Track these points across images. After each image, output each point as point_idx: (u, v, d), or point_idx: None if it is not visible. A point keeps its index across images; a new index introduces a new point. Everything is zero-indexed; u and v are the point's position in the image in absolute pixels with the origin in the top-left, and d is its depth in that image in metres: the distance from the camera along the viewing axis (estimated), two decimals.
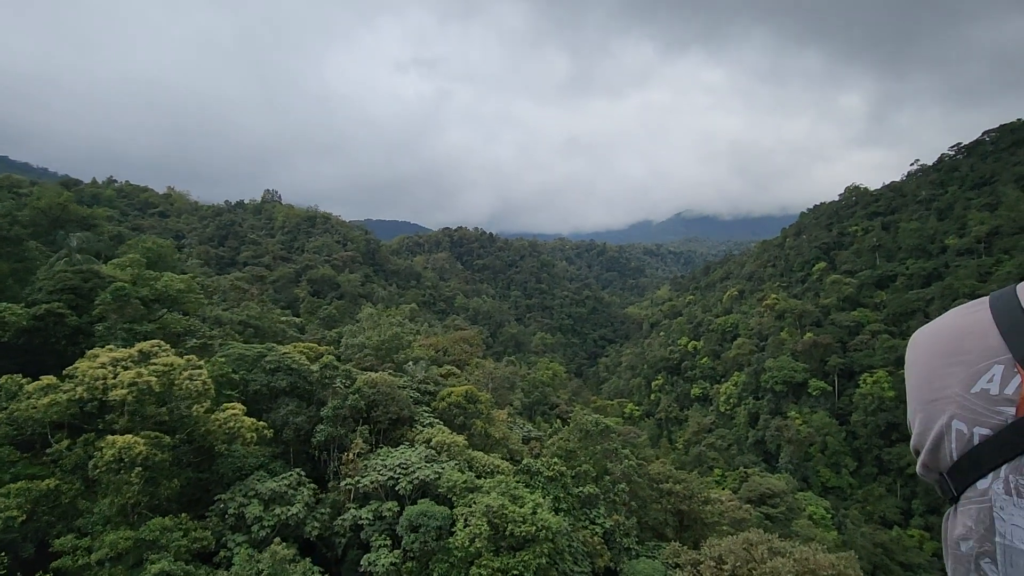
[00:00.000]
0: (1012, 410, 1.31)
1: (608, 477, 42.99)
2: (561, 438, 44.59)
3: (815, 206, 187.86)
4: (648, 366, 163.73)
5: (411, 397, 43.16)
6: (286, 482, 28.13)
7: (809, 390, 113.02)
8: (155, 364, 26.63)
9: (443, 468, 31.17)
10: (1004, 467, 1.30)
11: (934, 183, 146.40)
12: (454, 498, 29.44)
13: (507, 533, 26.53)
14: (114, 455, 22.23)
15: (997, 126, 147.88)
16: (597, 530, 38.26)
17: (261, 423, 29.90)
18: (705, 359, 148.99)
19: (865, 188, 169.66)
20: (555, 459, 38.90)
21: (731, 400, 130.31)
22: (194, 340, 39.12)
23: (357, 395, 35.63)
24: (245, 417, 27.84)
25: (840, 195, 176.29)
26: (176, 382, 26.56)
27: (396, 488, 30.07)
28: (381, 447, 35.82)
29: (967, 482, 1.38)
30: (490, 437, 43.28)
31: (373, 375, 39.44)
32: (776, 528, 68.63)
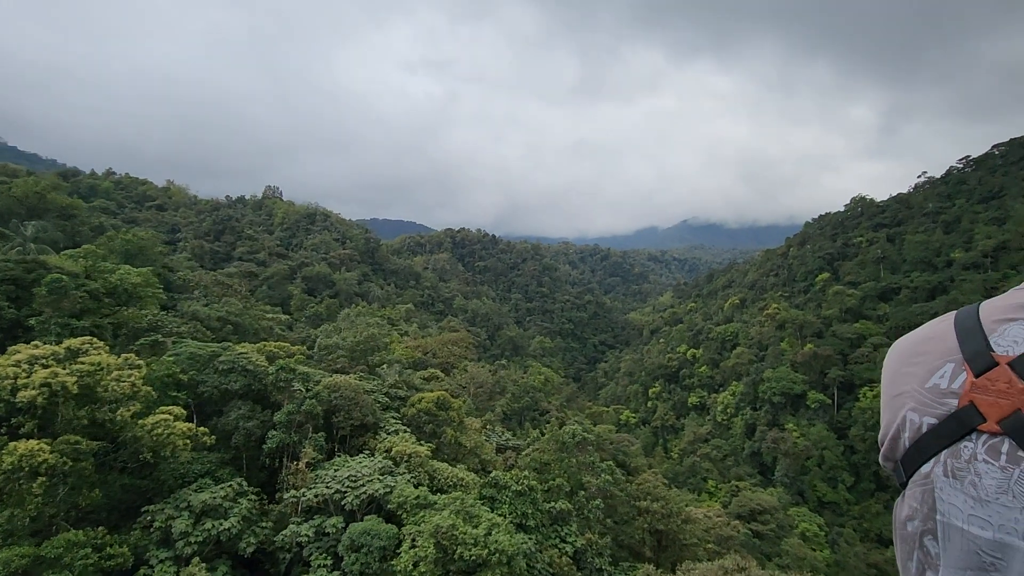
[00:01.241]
0: (955, 402, 1.47)
1: (583, 492, 40.85)
2: (536, 449, 42.53)
3: (820, 216, 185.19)
4: (646, 373, 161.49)
5: (379, 402, 41.17)
6: (222, 493, 26.13)
7: (808, 402, 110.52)
8: (81, 363, 24.74)
9: (395, 482, 29.13)
10: (944, 452, 1.45)
11: (941, 196, 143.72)
12: (404, 515, 27.42)
13: (456, 556, 24.50)
14: (13, 463, 20.36)
15: (1007, 140, 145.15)
16: (567, 549, 36.16)
17: (202, 429, 27.94)
18: (704, 367, 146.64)
19: (871, 199, 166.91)
20: (525, 472, 36.83)
21: (728, 410, 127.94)
22: (145, 337, 37.26)
23: (314, 400, 33.66)
24: (177, 423, 25.85)
25: (846, 205, 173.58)
26: (102, 383, 24.70)
27: (343, 503, 28.10)
28: (339, 455, 33.87)
29: (914, 467, 1.53)
30: (461, 446, 41.24)
31: (336, 378, 37.46)
32: (765, 546, 66.42)
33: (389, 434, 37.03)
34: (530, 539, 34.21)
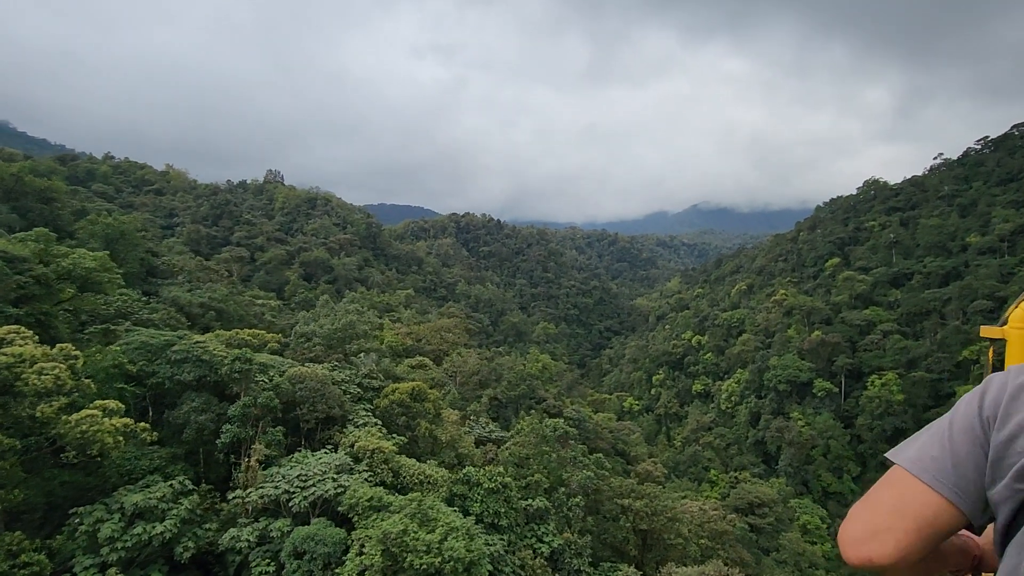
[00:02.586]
0: None
1: (563, 489, 38.86)
2: (515, 443, 40.58)
3: (831, 200, 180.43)
4: (650, 360, 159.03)
5: (351, 393, 39.31)
6: (159, 494, 24.38)
7: (814, 390, 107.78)
8: (2, 354, 22.97)
9: (350, 481, 27.22)
10: None
11: (958, 178, 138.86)
12: (356, 518, 25.57)
13: (406, 564, 22.61)
14: None
15: None
16: (543, 549, 34.26)
17: (141, 425, 26.14)
18: (709, 354, 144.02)
19: (884, 182, 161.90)
20: (500, 468, 34.89)
21: (733, 398, 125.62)
22: (95, 326, 35.53)
23: (272, 392, 31.79)
24: (110, 418, 24.09)
25: (858, 189, 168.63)
26: (22, 377, 22.95)
27: (290, 504, 26.28)
28: (300, 451, 32.05)
29: None
30: (437, 440, 39.33)
31: (301, 369, 35.58)
32: (763, 540, 64.35)
33: (357, 427, 35.15)
34: (502, 539, 32.36)
